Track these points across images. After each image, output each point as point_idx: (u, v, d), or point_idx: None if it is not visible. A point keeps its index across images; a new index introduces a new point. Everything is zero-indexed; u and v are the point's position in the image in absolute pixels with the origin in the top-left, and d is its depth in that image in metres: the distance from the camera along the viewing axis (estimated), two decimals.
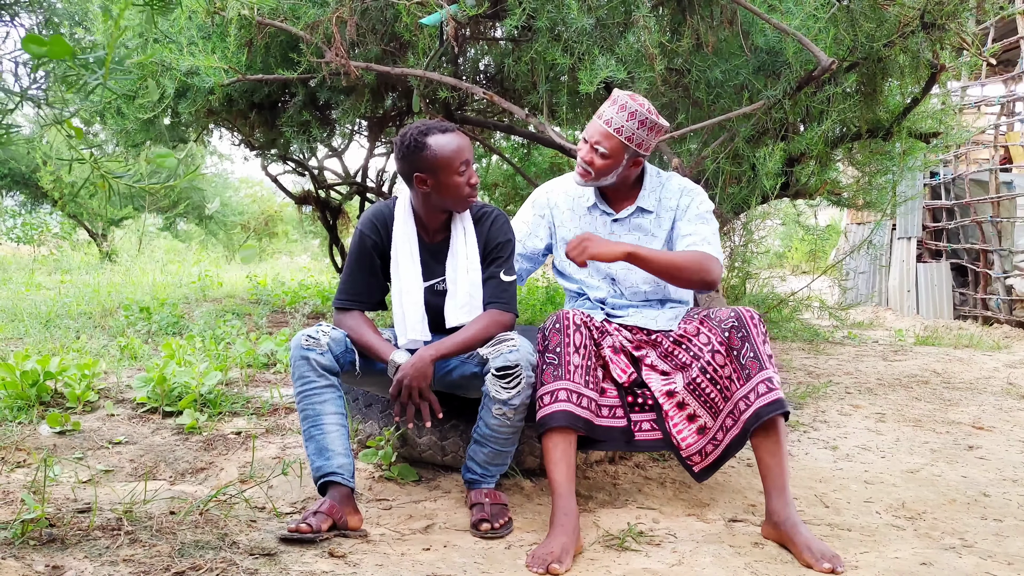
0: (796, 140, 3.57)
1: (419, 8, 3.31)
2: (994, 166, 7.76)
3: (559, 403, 2.00)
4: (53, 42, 1.31)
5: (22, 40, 1.35)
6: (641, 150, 2.23)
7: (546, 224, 2.44)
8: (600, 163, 2.22)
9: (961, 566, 1.82)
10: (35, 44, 1.32)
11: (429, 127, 2.09)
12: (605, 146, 2.20)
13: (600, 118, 2.22)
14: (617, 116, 2.20)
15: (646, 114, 2.19)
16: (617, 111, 2.20)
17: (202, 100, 4.09)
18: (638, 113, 2.19)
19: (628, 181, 2.32)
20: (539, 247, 2.45)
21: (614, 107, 2.21)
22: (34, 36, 1.34)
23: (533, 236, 2.44)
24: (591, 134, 2.23)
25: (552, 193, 2.45)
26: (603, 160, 2.22)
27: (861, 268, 9.99)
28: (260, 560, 1.70)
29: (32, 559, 1.61)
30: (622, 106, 2.20)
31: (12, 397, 2.88)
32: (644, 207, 2.32)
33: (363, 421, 2.54)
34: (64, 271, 10.76)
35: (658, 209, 2.33)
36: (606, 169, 2.23)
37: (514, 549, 1.89)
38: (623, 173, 2.27)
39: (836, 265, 7.47)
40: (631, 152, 2.22)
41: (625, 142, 2.20)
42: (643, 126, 2.20)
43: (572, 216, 2.40)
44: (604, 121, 2.21)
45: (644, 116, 2.19)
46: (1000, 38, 8.26)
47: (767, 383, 2.00)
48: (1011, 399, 3.94)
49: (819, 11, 3.04)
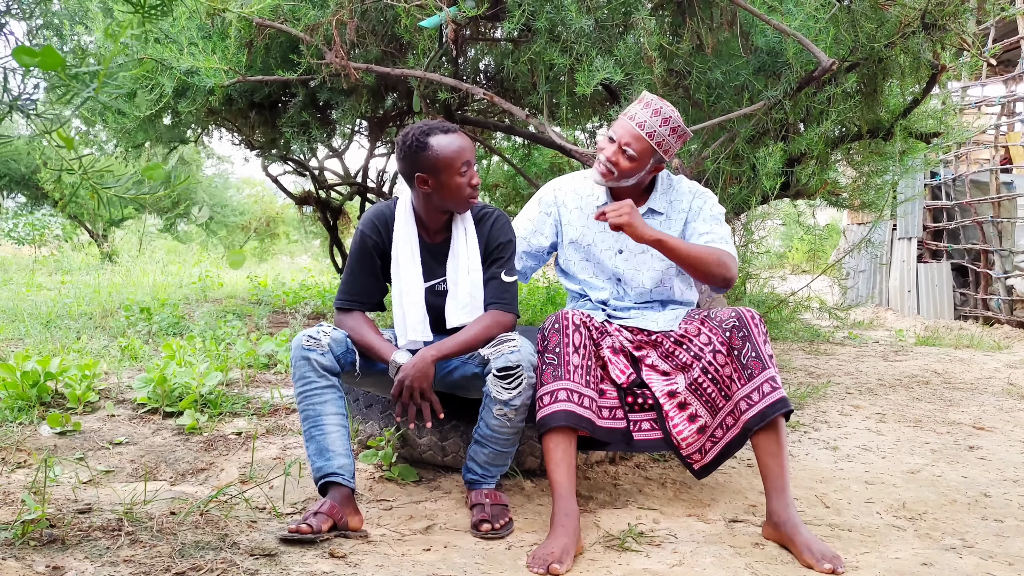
0: (796, 140, 3.57)
1: (419, 10, 3.31)
2: (994, 166, 7.76)
3: (559, 403, 2.00)
4: (44, 53, 1.30)
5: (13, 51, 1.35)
6: (666, 156, 2.22)
7: (552, 222, 2.42)
8: (626, 165, 2.19)
9: (962, 566, 1.82)
10: (27, 55, 1.31)
11: (431, 127, 2.08)
12: (635, 148, 2.17)
13: (632, 120, 2.18)
14: (650, 120, 2.16)
15: (677, 120, 2.18)
16: (651, 115, 2.17)
17: (202, 100, 4.09)
18: (671, 119, 2.17)
19: (643, 185, 2.31)
20: (544, 245, 2.43)
21: (647, 110, 2.18)
22: (25, 48, 1.33)
23: (538, 234, 2.42)
24: (621, 134, 2.19)
25: (560, 191, 2.43)
26: (630, 162, 2.19)
27: (861, 268, 9.99)
28: (260, 560, 1.70)
29: (32, 559, 1.61)
30: (656, 110, 2.17)
31: (13, 398, 2.88)
32: (655, 209, 2.31)
33: (364, 421, 2.54)
34: (65, 272, 10.77)
35: (668, 211, 2.32)
36: (631, 171, 2.21)
37: (514, 550, 1.90)
38: (643, 177, 2.25)
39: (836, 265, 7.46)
40: (657, 157, 2.20)
41: (655, 147, 2.17)
42: (674, 133, 2.18)
43: (580, 215, 2.38)
44: (636, 123, 2.17)
45: (676, 123, 2.17)
46: (1000, 38, 8.27)
47: (771, 382, 2.00)
48: (1012, 399, 3.94)
49: (819, 11, 3.04)
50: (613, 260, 2.34)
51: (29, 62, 1.32)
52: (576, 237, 2.38)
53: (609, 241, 2.35)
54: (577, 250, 2.39)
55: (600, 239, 2.36)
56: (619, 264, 2.33)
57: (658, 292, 2.33)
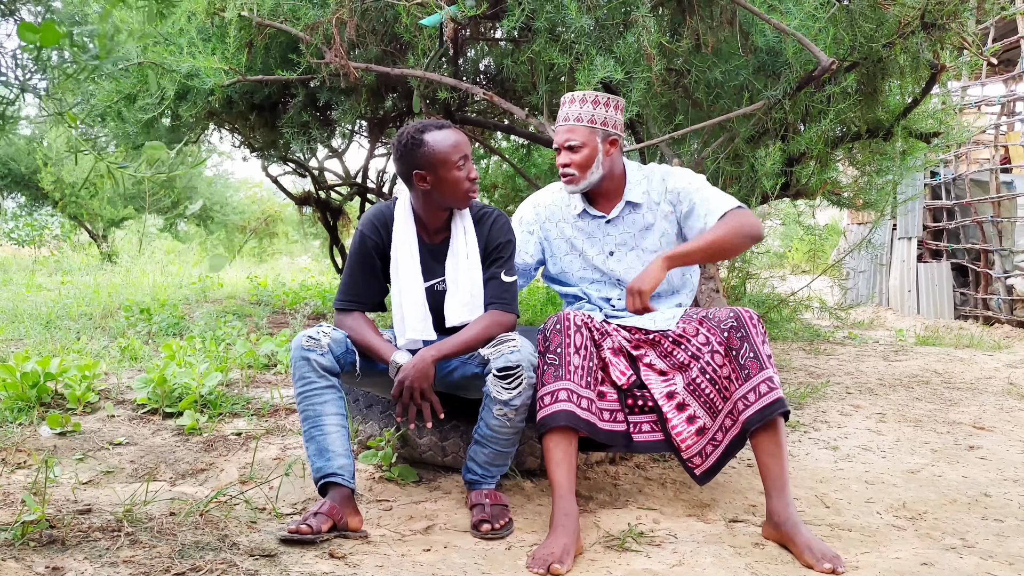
0: (796, 140, 3.57)
1: (419, 9, 3.31)
2: (994, 166, 7.76)
3: (560, 403, 2.00)
4: (45, 28, 1.38)
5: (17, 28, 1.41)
6: (610, 127, 2.25)
7: (536, 241, 2.43)
8: (577, 159, 2.23)
9: (962, 566, 1.82)
10: (29, 31, 1.38)
11: (425, 125, 2.09)
12: (574, 139, 2.22)
13: (562, 123, 2.26)
14: (571, 109, 2.24)
15: (596, 95, 2.23)
16: (568, 104, 2.26)
17: (202, 102, 4.08)
18: (587, 96, 2.23)
19: (614, 172, 2.30)
20: (529, 263, 2.44)
21: (565, 107, 2.27)
22: (28, 24, 1.39)
23: (522, 252, 2.42)
24: (558, 140, 2.26)
25: (539, 206, 2.45)
26: (578, 154, 2.23)
27: (861, 268, 9.99)
28: (260, 561, 1.70)
29: (32, 560, 1.61)
30: (570, 100, 2.26)
31: (12, 398, 2.88)
32: (632, 200, 2.31)
33: (364, 422, 2.54)
34: (65, 272, 10.76)
35: (647, 201, 2.32)
36: (586, 162, 2.23)
37: (515, 550, 1.89)
38: (605, 161, 2.26)
39: (836, 265, 7.47)
40: (601, 133, 2.24)
41: (589, 125, 2.22)
42: (597, 104, 2.23)
43: (563, 225, 2.39)
44: (562, 119, 2.25)
45: (596, 96, 2.23)
46: (1000, 38, 8.26)
47: (768, 383, 2.00)
48: (1012, 399, 3.94)
49: (819, 11, 3.04)
50: (607, 264, 2.34)
51: (32, 38, 1.39)
52: (572, 246, 2.39)
53: (598, 246, 2.36)
54: (575, 259, 2.40)
55: (588, 245, 2.37)
56: (613, 266, 2.34)
57: (658, 290, 2.33)
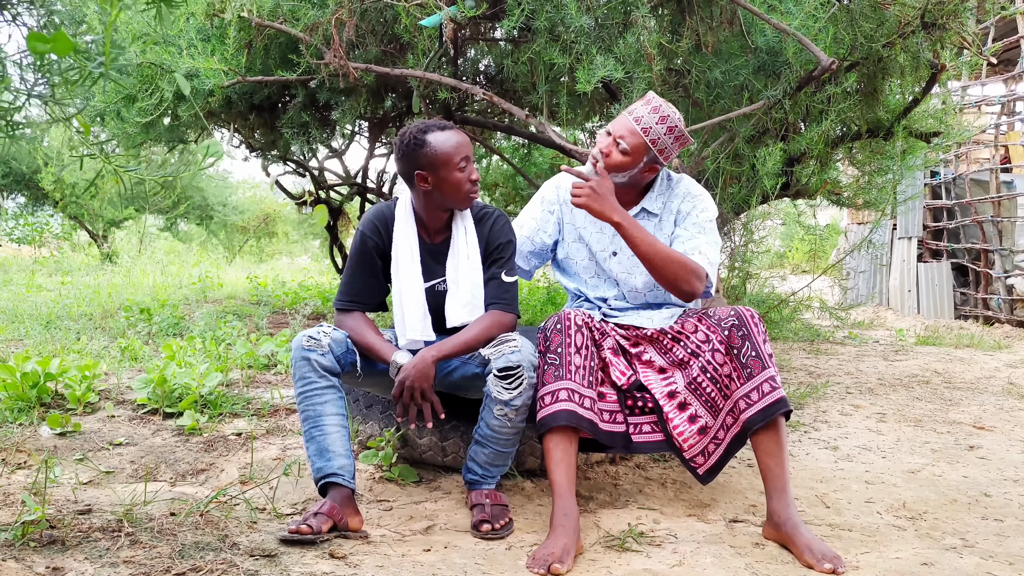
0: (796, 140, 3.57)
1: (418, 9, 3.31)
2: (994, 166, 7.76)
3: (560, 403, 2.00)
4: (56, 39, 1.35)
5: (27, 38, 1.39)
6: (661, 157, 2.19)
7: (555, 220, 2.41)
8: (618, 158, 2.17)
9: (962, 566, 1.82)
10: (40, 42, 1.36)
11: (427, 125, 2.09)
12: (628, 142, 2.15)
13: (631, 115, 2.17)
14: (648, 116, 2.15)
15: (676, 122, 2.16)
16: (649, 112, 2.15)
17: (202, 102, 4.08)
18: (669, 119, 2.15)
19: (639, 185, 2.28)
20: (548, 242, 2.41)
21: (647, 107, 2.16)
22: (38, 35, 1.37)
23: (541, 231, 2.40)
24: (617, 128, 2.18)
25: (562, 188, 2.42)
26: (622, 156, 2.17)
27: (861, 268, 9.98)
28: (260, 561, 1.70)
29: (32, 560, 1.61)
30: (655, 108, 2.16)
31: (13, 398, 2.88)
32: (649, 209, 2.29)
33: (364, 422, 2.54)
34: (65, 272, 10.76)
35: (662, 213, 2.30)
36: (621, 166, 2.18)
37: (515, 550, 1.89)
38: (636, 176, 2.22)
39: (836, 265, 7.47)
40: (651, 156, 2.18)
41: (649, 144, 2.15)
42: (671, 133, 2.16)
43: (578, 212, 2.37)
44: (634, 119, 2.16)
45: (675, 123, 2.15)
46: (1000, 37, 8.26)
47: (770, 382, 2.00)
48: (1012, 399, 3.94)
49: (819, 11, 3.04)
50: (608, 262, 2.33)
51: (43, 49, 1.36)
52: (580, 235, 2.37)
53: (604, 243, 2.34)
54: (580, 249, 2.39)
55: (596, 240, 2.35)
56: (613, 267, 2.33)
57: (652, 295, 2.32)
